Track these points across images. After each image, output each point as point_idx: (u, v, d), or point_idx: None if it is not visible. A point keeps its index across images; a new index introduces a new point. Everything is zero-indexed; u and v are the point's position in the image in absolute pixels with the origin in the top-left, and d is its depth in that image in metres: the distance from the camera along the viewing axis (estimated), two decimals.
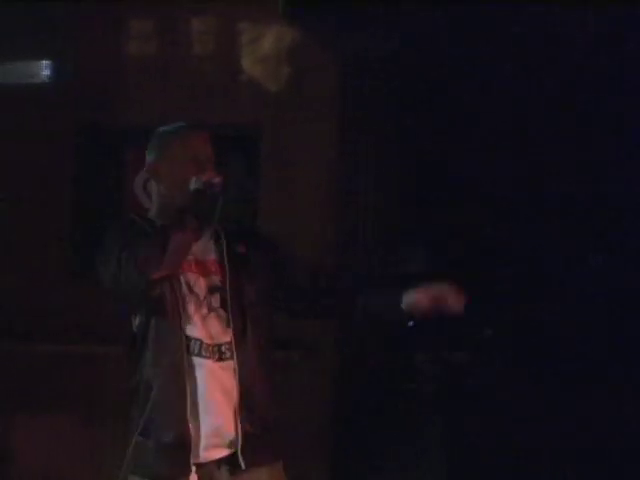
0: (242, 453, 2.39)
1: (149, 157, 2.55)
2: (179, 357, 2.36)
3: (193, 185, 2.38)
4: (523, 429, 4.32)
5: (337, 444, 4.49)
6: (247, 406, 2.41)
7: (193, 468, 2.37)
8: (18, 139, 4.96)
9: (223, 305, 2.43)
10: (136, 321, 2.40)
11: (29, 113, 4.96)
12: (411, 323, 4.81)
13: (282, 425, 2.51)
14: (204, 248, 2.48)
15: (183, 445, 2.35)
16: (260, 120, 4.57)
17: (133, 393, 2.42)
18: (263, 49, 4.68)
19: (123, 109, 4.86)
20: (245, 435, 2.40)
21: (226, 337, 2.41)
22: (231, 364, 2.40)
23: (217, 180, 2.38)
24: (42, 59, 4.95)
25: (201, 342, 2.39)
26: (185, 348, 2.37)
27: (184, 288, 2.40)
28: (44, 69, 4.96)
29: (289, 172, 4.55)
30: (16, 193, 4.93)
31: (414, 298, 2.52)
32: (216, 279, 2.45)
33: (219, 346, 2.40)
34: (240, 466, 2.39)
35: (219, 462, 2.41)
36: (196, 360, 2.38)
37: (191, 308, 2.40)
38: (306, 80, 4.63)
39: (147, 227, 2.44)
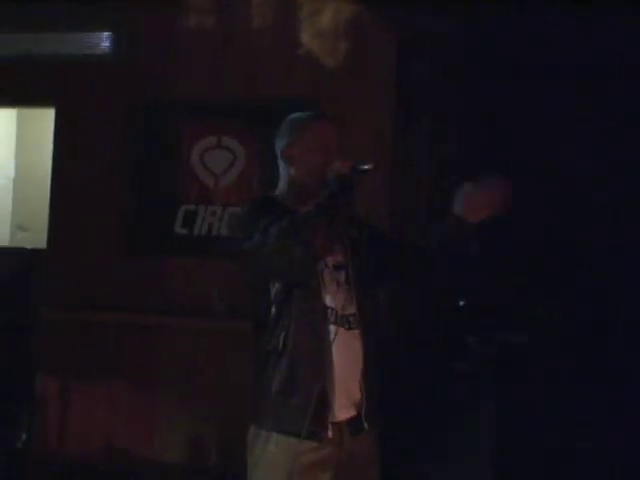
0: (365, 415, 2.60)
1: (280, 142, 2.72)
2: (320, 324, 2.58)
3: (337, 170, 2.55)
4: (572, 415, 4.28)
5: (385, 424, 4.49)
6: (369, 372, 2.63)
7: (329, 425, 2.55)
8: (78, 110, 5.03)
9: (347, 280, 2.65)
10: (274, 289, 2.56)
11: (88, 85, 5.01)
12: (462, 303, 4.80)
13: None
14: None
15: (322, 404, 2.53)
16: (317, 94, 4.54)
17: (270, 356, 2.58)
18: (321, 23, 4.65)
19: (180, 83, 4.88)
20: (367, 399, 2.61)
21: (352, 309, 2.63)
22: (357, 333, 2.63)
23: (369, 166, 2.54)
24: (101, 31, 4.99)
25: (336, 311, 2.60)
26: (323, 316, 2.58)
27: (321, 263, 2.61)
28: (104, 40, 5.00)
29: (345, 149, 4.52)
30: (78, 165, 5.00)
31: (462, 198, 2.68)
32: (339, 257, 2.66)
33: (347, 316, 2.62)
34: (363, 427, 2.61)
35: (345, 423, 2.59)
36: (332, 327, 2.59)
37: (327, 280, 2.62)
38: (364, 56, 4.60)
39: (286, 207, 2.62)
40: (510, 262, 5.10)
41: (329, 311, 2.59)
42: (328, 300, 2.60)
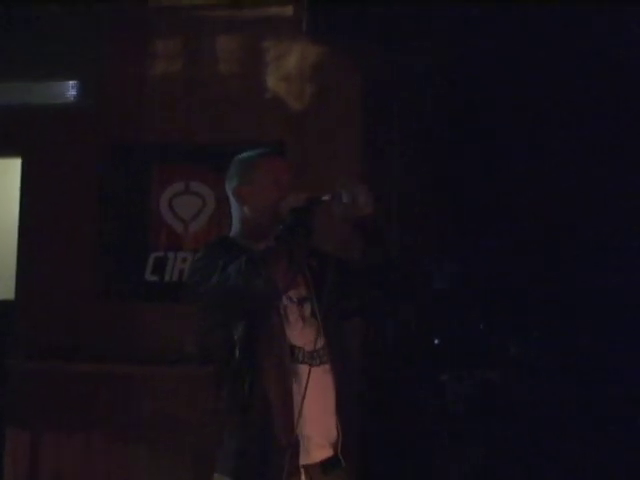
0: (342, 451, 2.56)
1: (231, 182, 2.70)
2: (285, 364, 2.51)
3: (292, 204, 2.55)
4: (551, 447, 4.26)
5: (363, 463, 4.45)
6: (343, 406, 2.59)
7: (302, 469, 2.50)
8: (46, 159, 5.01)
9: (313, 314, 2.61)
10: (238, 330, 2.51)
11: (55, 133, 5.00)
12: (436, 341, 4.79)
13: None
14: None
15: (293, 447, 2.47)
16: (284, 137, 4.56)
17: (237, 400, 2.51)
18: (286, 67, 4.69)
19: (148, 128, 4.88)
20: (343, 435, 2.57)
21: (320, 343, 2.58)
22: (327, 367, 2.58)
23: (327, 197, 2.57)
24: (67, 79, 4.99)
25: (303, 350, 2.55)
26: (290, 355, 2.52)
27: (284, 298, 2.57)
28: (70, 89, 5.00)
29: (314, 190, 4.53)
30: (47, 213, 4.97)
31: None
32: (303, 290, 2.64)
33: (316, 351, 2.57)
34: (340, 464, 2.55)
35: (318, 463, 2.54)
36: (300, 367, 2.53)
37: (292, 317, 2.59)
38: (330, 98, 4.63)
39: (242, 246, 2.59)
40: (481, 298, 5.12)
41: (296, 350, 2.54)
42: (295, 338, 2.55)
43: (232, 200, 2.70)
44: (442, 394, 4.45)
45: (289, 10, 4.68)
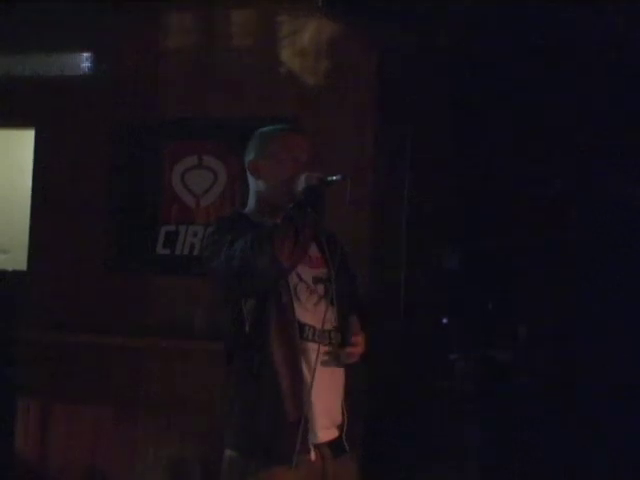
0: (347, 436, 2.56)
1: (248, 156, 2.68)
2: (294, 341, 2.49)
3: (305, 182, 2.52)
4: (556, 432, 4.27)
5: (369, 443, 4.46)
6: (349, 391, 2.59)
7: (311, 447, 2.48)
8: (59, 131, 5.02)
9: (327, 295, 2.59)
10: (247, 307, 2.50)
11: (69, 105, 5.00)
12: (445, 320, 4.79)
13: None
14: None
15: (303, 424, 2.46)
16: (298, 113, 4.54)
17: (246, 378, 2.51)
18: (302, 43, 4.66)
19: (162, 101, 4.87)
20: (348, 419, 2.57)
21: (331, 324, 2.57)
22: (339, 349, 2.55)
23: (337, 177, 2.53)
24: (82, 51, 4.98)
25: (313, 328, 2.53)
26: (299, 333, 2.51)
27: (295, 277, 2.54)
28: (84, 61, 4.99)
29: (326, 167, 4.52)
30: (59, 185, 4.98)
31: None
32: (320, 271, 2.61)
33: (328, 332, 2.55)
34: (344, 448, 2.55)
35: (329, 444, 2.54)
36: (309, 345, 2.52)
37: (303, 296, 2.56)
38: (345, 74, 4.61)
39: (254, 221, 2.58)
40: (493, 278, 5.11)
41: (306, 328, 2.53)
42: (305, 316, 2.54)
43: (248, 174, 2.69)
44: (451, 374, 4.45)
45: None
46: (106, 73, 4.97)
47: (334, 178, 2.53)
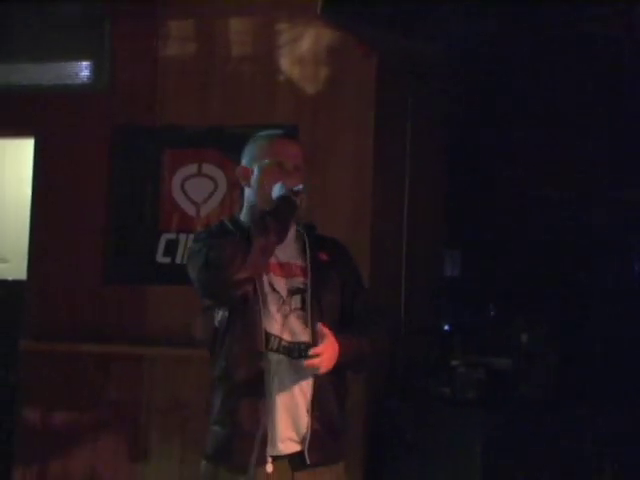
0: (309, 450, 2.47)
1: (243, 161, 2.66)
2: (257, 351, 2.47)
3: (277, 191, 2.50)
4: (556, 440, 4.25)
5: (371, 450, 4.45)
6: (319, 405, 2.49)
7: (269, 459, 2.45)
8: (58, 139, 5.01)
9: (303, 306, 2.53)
10: (218, 316, 2.50)
11: (68, 114, 5.00)
12: (447, 327, 4.78)
13: (346, 428, 2.60)
14: (289, 251, 2.59)
15: (260, 435, 2.43)
16: (298, 121, 4.54)
17: (215, 383, 2.54)
18: (300, 50, 4.66)
19: (161, 111, 4.87)
20: (314, 433, 2.48)
21: (305, 337, 2.50)
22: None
23: (299, 188, 2.50)
24: (80, 60, 4.98)
25: (280, 339, 2.48)
26: (264, 343, 2.46)
27: (266, 287, 2.50)
28: (83, 70, 4.99)
29: (325, 176, 4.52)
30: (59, 194, 4.97)
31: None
32: (298, 281, 2.55)
33: (298, 344, 2.48)
34: (305, 462, 2.47)
35: (290, 457, 2.49)
36: (274, 356, 2.48)
37: (273, 306, 2.50)
38: (344, 82, 4.60)
39: (235, 230, 2.55)
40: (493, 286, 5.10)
41: (272, 338, 2.47)
42: (273, 327, 2.49)
43: (239, 180, 2.67)
44: (452, 381, 4.44)
45: None
46: (105, 81, 4.96)
47: (295, 189, 2.50)
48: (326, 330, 2.45)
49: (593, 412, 4.39)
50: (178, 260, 4.78)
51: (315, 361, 2.42)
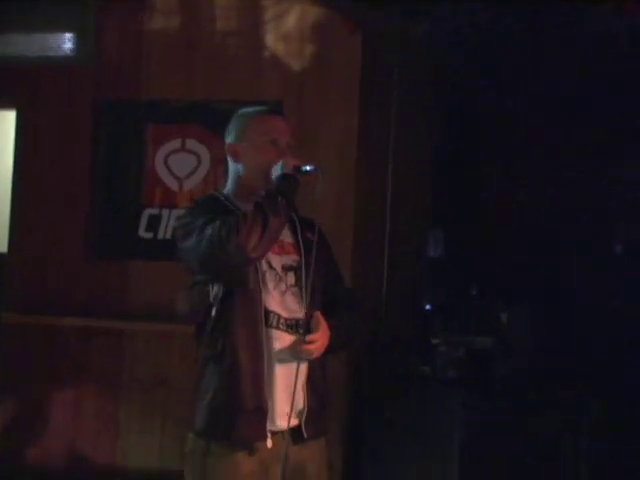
0: (306, 425, 2.51)
1: (228, 138, 2.63)
2: (258, 328, 2.47)
3: (280, 169, 2.49)
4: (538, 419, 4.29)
5: (353, 427, 4.48)
6: (313, 381, 2.54)
7: (269, 434, 2.47)
8: (41, 112, 4.97)
9: (296, 283, 2.55)
10: (213, 291, 2.48)
11: (51, 87, 4.96)
12: (428, 306, 4.80)
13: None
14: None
15: (261, 411, 2.46)
16: (282, 97, 4.52)
17: (209, 361, 2.51)
18: (286, 26, 4.64)
19: (144, 85, 4.84)
20: (310, 409, 2.52)
21: (300, 313, 2.52)
22: (303, 339, 2.50)
23: (312, 168, 2.49)
24: (64, 32, 4.93)
25: (279, 316, 2.50)
26: (264, 320, 2.48)
27: (264, 265, 2.51)
28: (66, 42, 4.95)
29: (310, 151, 4.51)
30: (40, 167, 4.94)
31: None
32: (291, 259, 2.57)
33: (296, 320, 2.51)
34: (302, 437, 2.51)
35: (287, 431, 2.51)
36: (274, 332, 2.49)
37: (271, 283, 2.51)
38: (329, 59, 4.59)
39: (229, 205, 2.54)
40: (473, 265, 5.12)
41: (271, 315, 2.49)
42: (271, 304, 2.50)
43: (227, 156, 2.64)
44: (433, 360, 4.46)
45: None
46: (89, 54, 4.92)
47: (308, 168, 2.49)
48: (321, 318, 2.49)
49: (573, 391, 4.43)
50: (160, 235, 4.76)
51: (311, 347, 2.47)
